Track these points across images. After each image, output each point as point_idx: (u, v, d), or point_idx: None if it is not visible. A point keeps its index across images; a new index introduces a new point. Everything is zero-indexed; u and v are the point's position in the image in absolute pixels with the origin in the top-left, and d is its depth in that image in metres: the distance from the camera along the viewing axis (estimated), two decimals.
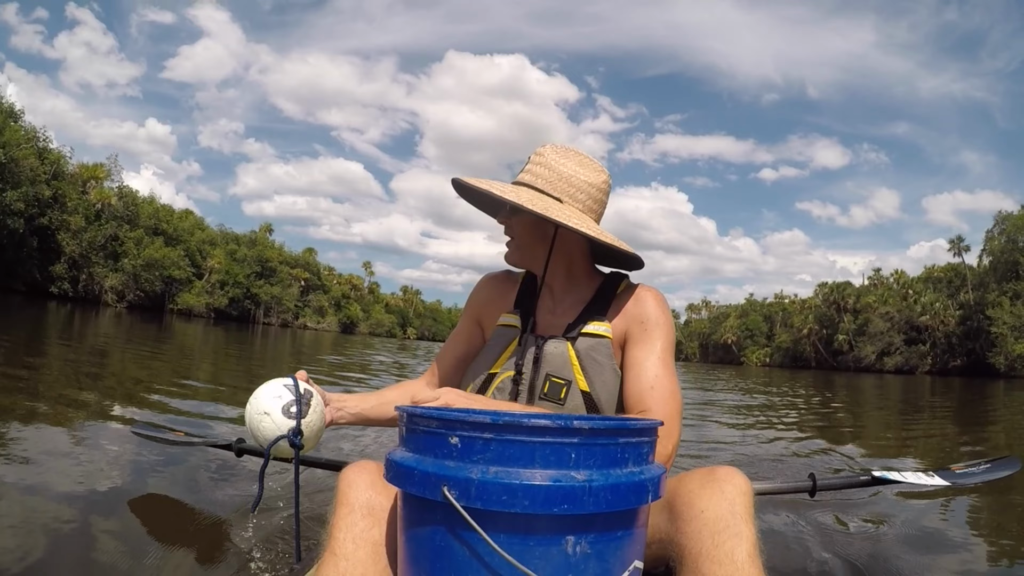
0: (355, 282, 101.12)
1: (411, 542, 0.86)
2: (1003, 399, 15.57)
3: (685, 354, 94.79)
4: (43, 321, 16.17)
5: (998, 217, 51.10)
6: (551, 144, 1.39)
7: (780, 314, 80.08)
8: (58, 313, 22.36)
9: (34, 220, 40.20)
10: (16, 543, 1.80)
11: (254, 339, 24.70)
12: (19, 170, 37.63)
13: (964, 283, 55.15)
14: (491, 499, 0.76)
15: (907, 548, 2.44)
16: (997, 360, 44.28)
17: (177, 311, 53.50)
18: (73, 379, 5.84)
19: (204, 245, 61.98)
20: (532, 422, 0.78)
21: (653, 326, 1.31)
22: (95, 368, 7.12)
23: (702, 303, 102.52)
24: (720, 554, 0.96)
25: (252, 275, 66.38)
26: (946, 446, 6.26)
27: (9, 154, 36.52)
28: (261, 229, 76.48)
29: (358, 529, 1.01)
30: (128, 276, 49.31)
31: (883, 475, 1.90)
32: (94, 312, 28.42)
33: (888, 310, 59.03)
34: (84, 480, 2.50)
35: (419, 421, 0.85)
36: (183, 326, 27.81)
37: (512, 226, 1.39)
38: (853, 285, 68.03)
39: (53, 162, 42.83)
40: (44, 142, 42.79)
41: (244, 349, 16.16)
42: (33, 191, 39.03)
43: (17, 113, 40.37)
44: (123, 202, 51.00)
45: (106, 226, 48.11)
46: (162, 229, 55.33)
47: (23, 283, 40.39)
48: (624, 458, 0.83)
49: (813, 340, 66.64)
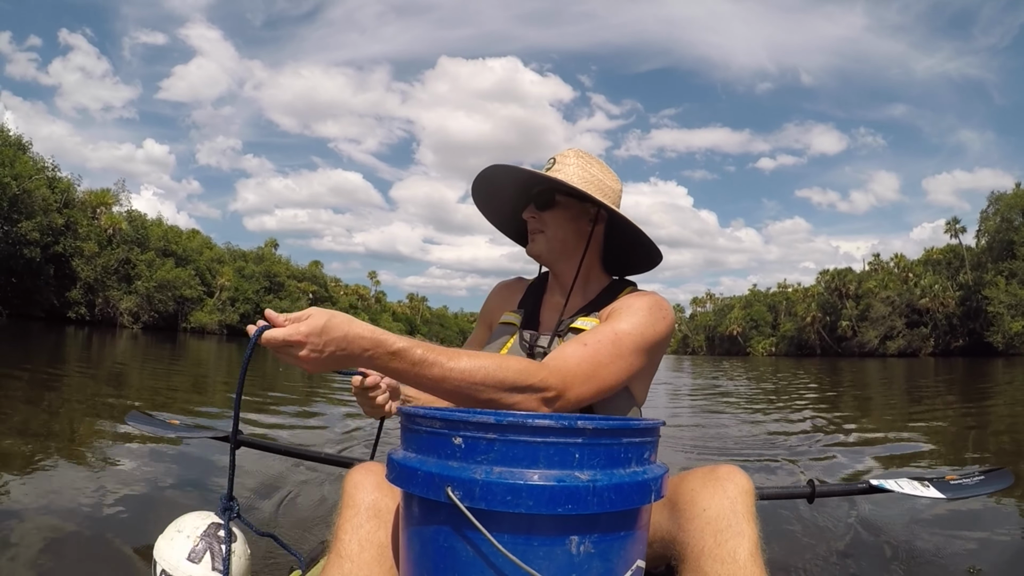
0: (361, 292, 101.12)
1: (414, 543, 0.85)
2: (1002, 377, 15.45)
3: (692, 347, 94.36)
4: (62, 345, 16.26)
5: (991, 197, 50.97)
6: (573, 149, 1.39)
7: (784, 303, 79.55)
8: (76, 337, 22.48)
9: (49, 248, 40.49)
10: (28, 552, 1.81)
11: (266, 352, 24.65)
12: (32, 201, 37.97)
13: (963, 264, 54.79)
14: (495, 499, 0.75)
15: (906, 548, 2.44)
16: (995, 339, 44.09)
17: (190, 329, 53.72)
18: (91, 400, 5.87)
19: (213, 263, 62.14)
20: (536, 422, 0.77)
21: (627, 313, 1.24)
22: (113, 388, 7.17)
23: (706, 296, 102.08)
24: (722, 553, 0.95)
25: (261, 290, 66.49)
26: (951, 430, 6.22)
27: (22, 186, 36.85)
28: (267, 244, 76.39)
29: (364, 531, 0.99)
30: (142, 298, 49.54)
31: (880, 484, 1.90)
32: (110, 335, 28.55)
33: (889, 294, 58.63)
34: (90, 496, 2.48)
35: (421, 421, 0.84)
36: (197, 343, 27.89)
37: (544, 220, 1.37)
38: (854, 271, 67.69)
39: (63, 190, 43.13)
40: (53, 171, 43.09)
41: (257, 365, 16.20)
42: (47, 220, 39.36)
43: (25, 145, 40.69)
44: (133, 226, 51.32)
45: (117, 250, 48.41)
46: (172, 250, 55.50)
47: (41, 309, 40.69)
48: (627, 458, 0.82)
49: (817, 327, 66.29)
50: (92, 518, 2.26)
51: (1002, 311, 43.93)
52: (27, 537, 2.03)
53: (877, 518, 2.87)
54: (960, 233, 57.04)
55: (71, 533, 2.10)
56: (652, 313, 1.25)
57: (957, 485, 2.03)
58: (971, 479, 2.08)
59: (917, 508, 3.10)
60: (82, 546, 2.01)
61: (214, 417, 5.12)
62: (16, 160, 38.00)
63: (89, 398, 6.03)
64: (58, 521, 2.19)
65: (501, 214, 1.52)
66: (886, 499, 3.16)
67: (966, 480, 2.08)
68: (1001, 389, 12.15)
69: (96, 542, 2.07)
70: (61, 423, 4.45)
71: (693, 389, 12.90)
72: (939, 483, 2.02)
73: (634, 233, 1.34)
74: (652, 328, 1.24)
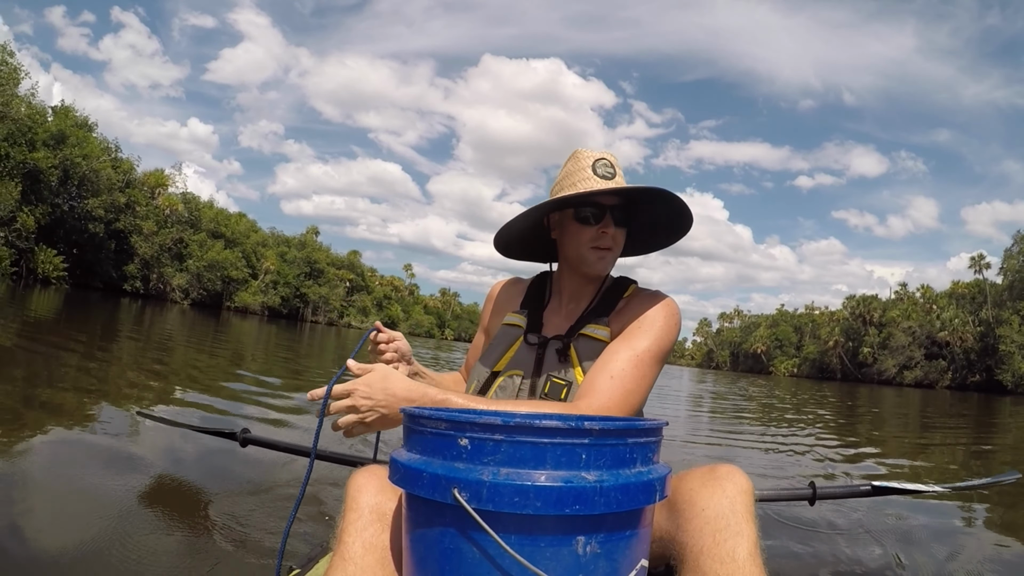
0: (396, 283, 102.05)
1: (418, 545, 0.82)
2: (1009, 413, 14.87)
3: (716, 363, 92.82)
4: (117, 316, 16.80)
5: (1017, 236, 49.22)
6: (609, 152, 1.33)
7: (809, 325, 77.85)
8: (130, 308, 23.20)
9: (111, 224, 41.89)
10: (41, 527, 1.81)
11: (302, 335, 25.17)
12: (99, 180, 39.34)
13: (986, 300, 52.89)
14: (502, 501, 0.73)
15: (907, 551, 2.37)
16: (1004, 377, 42.81)
17: (234, 308, 54.97)
18: (138, 369, 6.04)
19: (258, 247, 63.46)
20: (543, 423, 0.76)
21: (646, 326, 1.23)
22: (162, 357, 7.37)
23: (734, 312, 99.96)
24: (721, 552, 0.92)
25: (301, 275, 67.71)
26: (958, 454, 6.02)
27: (90, 166, 38.19)
28: (308, 231, 77.44)
29: (367, 534, 0.97)
30: (192, 276, 51.00)
31: (883, 485, 1.84)
32: (160, 308, 29.40)
33: (910, 324, 56.92)
34: (103, 472, 2.40)
35: (427, 423, 0.81)
36: (239, 322, 28.54)
37: (616, 236, 1.31)
38: (879, 299, 65.84)
39: (125, 171, 44.55)
40: (115, 152, 44.55)
41: (294, 343, 16.51)
42: (110, 198, 40.71)
43: (92, 125, 42.13)
44: (188, 208, 52.76)
45: (172, 230, 49.86)
46: (221, 232, 56.93)
47: (100, 281, 42.16)
48: (633, 458, 0.80)
49: (839, 352, 64.68)
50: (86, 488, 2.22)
51: (1013, 350, 42.67)
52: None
53: (879, 520, 2.79)
54: (985, 269, 55.11)
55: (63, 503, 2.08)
56: (667, 322, 1.25)
57: (962, 484, 2.05)
58: (978, 480, 2.11)
59: (920, 510, 3.01)
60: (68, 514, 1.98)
61: (239, 398, 5.22)
62: (86, 141, 39.39)
63: (138, 363, 6.21)
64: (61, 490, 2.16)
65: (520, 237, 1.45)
66: (889, 501, 3.07)
67: (972, 481, 2.10)
68: (1005, 424, 11.73)
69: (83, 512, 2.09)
70: (107, 385, 4.59)
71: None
72: (943, 484, 2.02)
73: (672, 206, 1.28)
74: (667, 338, 1.24)
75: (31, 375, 4.63)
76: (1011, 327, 44.27)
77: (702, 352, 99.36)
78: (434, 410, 0.88)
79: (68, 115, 40.11)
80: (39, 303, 16.36)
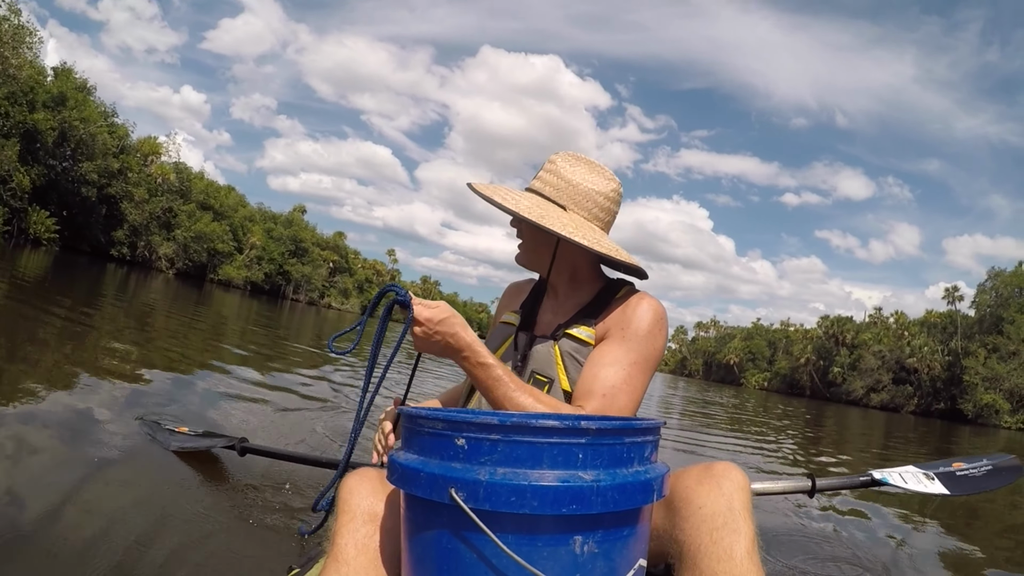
0: (378, 267, 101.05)
1: (416, 545, 0.82)
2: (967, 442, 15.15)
3: (689, 370, 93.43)
4: (103, 281, 16.48)
5: (991, 272, 50.57)
6: (564, 152, 1.35)
7: (783, 341, 78.65)
8: (115, 274, 22.76)
9: (103, 189, 41.08)
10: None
11: (282, 313, 24.81)
12: (94, 144, 38.53)
13: (956, 331, 53.97)
14: (500, 500, 0.73)
15: (905, 545, 2.36)
16: (966, 407, 43.84)
17: (217, 281, 54.29)
18: (119, 336, 5.94)
19: (245, 221, 62.58)
20: (540, 423, 0.75)
21: (632, 332, 1.24)
22: (142, 327, 7.25)
23: (711, 322, 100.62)
24: (719, 550, 0.92)
25: (286, 253, 66.92)
26: None
27: (87, 129, 37.44)
28: (295, 209, 76.13)
29: (360, 536, 0.97)
30: (179, 246, 50.24)
31: (883, 477, 1.81)
32: (144, 276, 28.86)
33: (881, 348, 57.84)
34: (92, 464, 2.13)
35: (423, 423, 0.81)
36: (222, 295, 28.14)
37: (522, 230, 1.36)
38: (853, 321, 66.84)
39: (120, 137, 43.69)
40: (111, 116, 43.65)
41: (273, 319, 16.28)
42: (104, 163, 39.87)
43: (90, 88, 41.19)
44: (179, 178, 51.89)
45: (163, 199, 49.04)
46: (210, 204, 56.10)
47: (88, 245, 41.40)
48: (630, 457, 0.80)
49: (810, 369, 65.57)
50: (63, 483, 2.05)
51: (977, 382, 43.78)
52: None
53: (878, 512, 2.77)
54: (958, 301, 56.24)
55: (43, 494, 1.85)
56: (657, 328, 1.26)
57: (963, 477, 1.96)
58: (979, 470, 2.01)
59: (920, 501, 2.98)
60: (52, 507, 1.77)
61: (226, 373, 5.13)
62: (85, 104, 38.56)
63: (120, 331, 6.10)
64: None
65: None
66: (888, 493, 3.04)
67: (973, 471, 2.01)
68: (964, 451, 11.94)
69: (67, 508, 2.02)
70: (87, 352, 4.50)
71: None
72: (944, 476, 1.95)
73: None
74: (656, 345, 1.25)
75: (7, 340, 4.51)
76: (977, 359, 45.42)
77: (676, 359, 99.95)
78: (431, 410, 0.87)
79: (69, 77, 39.16)
80: (29, 263, 15.98)
